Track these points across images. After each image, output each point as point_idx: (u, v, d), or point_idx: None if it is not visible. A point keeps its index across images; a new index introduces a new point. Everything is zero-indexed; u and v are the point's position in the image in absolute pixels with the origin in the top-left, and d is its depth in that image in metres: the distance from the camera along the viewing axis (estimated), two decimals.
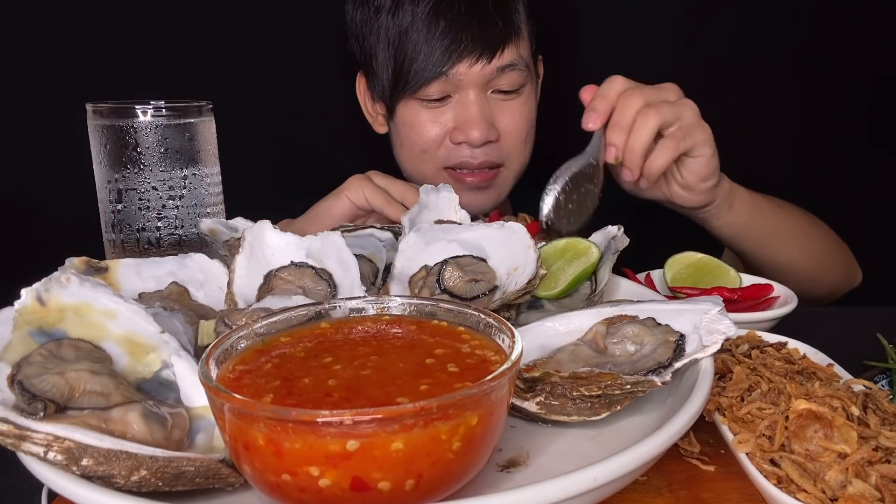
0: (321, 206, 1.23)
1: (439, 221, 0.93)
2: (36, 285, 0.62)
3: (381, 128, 1.47)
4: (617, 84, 1.07)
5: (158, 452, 0.54)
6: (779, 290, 1.09)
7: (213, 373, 0.56)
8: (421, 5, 1.26)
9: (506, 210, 1.54)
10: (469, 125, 1.29)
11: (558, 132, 1.26)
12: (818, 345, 0.82)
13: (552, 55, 1.52)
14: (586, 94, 1.11)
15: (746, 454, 0.61)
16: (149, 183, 0.93)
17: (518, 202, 1.57)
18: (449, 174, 1.36)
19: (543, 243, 0.95)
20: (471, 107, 1.29)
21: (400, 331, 0.65)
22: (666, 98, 1.07)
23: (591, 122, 1.07)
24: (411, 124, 1.34)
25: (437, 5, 1.25)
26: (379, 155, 1.47)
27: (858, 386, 0.72)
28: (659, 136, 1.07)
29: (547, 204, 1.07)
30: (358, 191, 1.19)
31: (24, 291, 0.62)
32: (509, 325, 0.60)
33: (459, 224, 0.92)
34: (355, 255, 0.85)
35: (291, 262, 0.84)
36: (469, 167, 1.33)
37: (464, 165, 1.33)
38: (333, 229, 0.94)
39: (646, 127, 1.03)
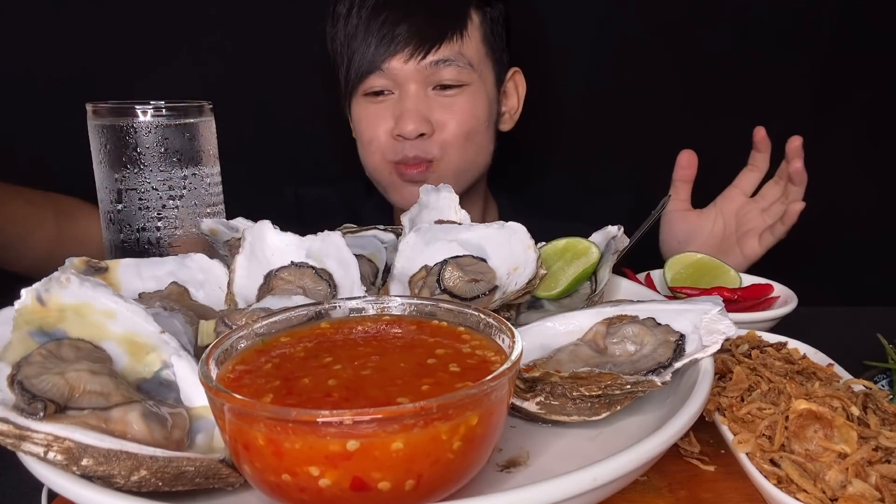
0: None
1: (439, 221, 0.93)
2: (36, 285, 0.62)
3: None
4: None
5: (158, 452, 0.53)
6: (779, 290, 1.09)
7: (213, 373, 0.55)
8: (364, 8, 1.35)
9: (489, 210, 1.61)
10: (403, 118, 1.34)
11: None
12: (818, 345, 0.82)
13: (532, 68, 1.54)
14: (684, 157, 1.34)
15: (746, 454, 0.61)
16: (149, 183, 0.93)
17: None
18: (393, 167, 1.41)
19: (543, 243, 0.95)
20: (407, 101, 1.35)
21: (400, 331, 0.65)
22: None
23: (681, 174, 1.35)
24: (359, 118, 1.43)
25: (376, 5, 1.34)
26: None
27: (858, 386, 0.72)
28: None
29: None
30: None
31: (24, 291, 0.62)
32: (509, 325, 0.60)
33: (459, 224, 0.92)
34: (355, 255, 0.85)
35: (292, 262, 0.84)
36: (406, 161, 1.38)
37: (403, 161, 1.39)
38: (334, 229, 0.94)
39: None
